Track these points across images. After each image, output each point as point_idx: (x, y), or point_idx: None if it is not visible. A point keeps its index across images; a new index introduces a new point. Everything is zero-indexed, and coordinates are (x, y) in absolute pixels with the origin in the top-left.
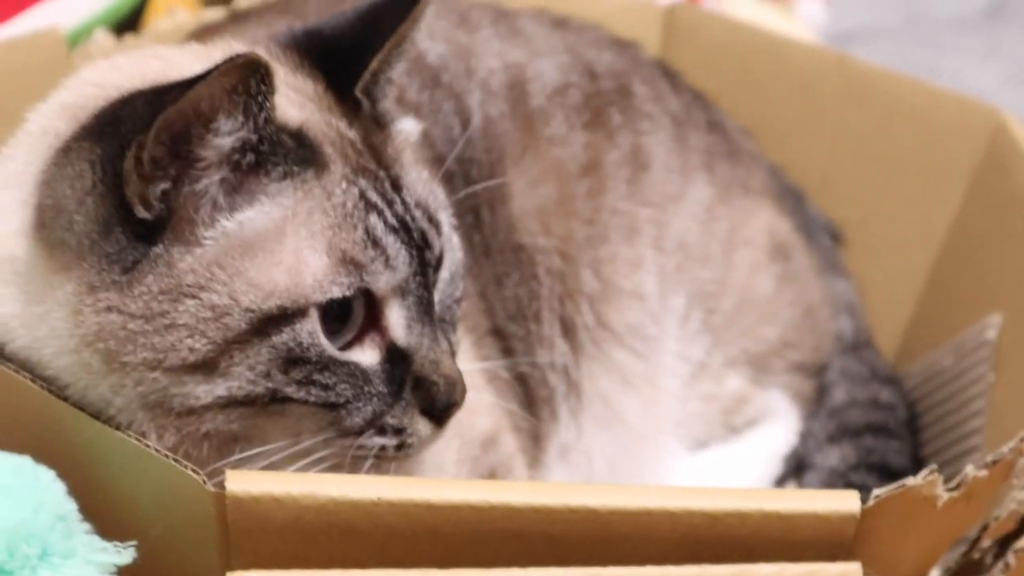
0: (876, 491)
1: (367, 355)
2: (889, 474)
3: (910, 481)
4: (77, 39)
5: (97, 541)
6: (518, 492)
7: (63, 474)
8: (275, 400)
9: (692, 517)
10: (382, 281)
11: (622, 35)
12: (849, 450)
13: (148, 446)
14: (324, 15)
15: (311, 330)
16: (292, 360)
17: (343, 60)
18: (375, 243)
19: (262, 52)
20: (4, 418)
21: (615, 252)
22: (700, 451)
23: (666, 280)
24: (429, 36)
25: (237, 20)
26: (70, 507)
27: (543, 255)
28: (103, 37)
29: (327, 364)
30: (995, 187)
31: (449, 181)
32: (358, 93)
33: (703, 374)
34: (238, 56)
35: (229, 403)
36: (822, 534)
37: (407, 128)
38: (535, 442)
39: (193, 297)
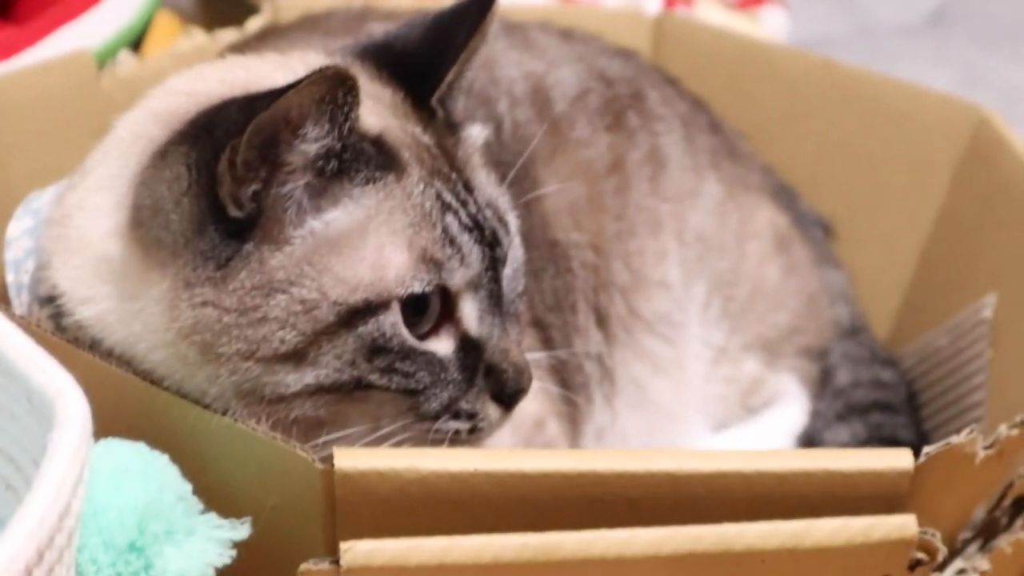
0: (926, 448)
1: (443, 344)
2: (899, 447)
3: (954, 439)
4: (103, 59)
5: (214, 519)
6: (603, 459)
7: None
8: (359, 387)
9: (763, 478)
10: (457, 277)
11: (613, 43)
12: (859, 427)
13: (254, 429)
14: (350, 31)
15: (393, 321)
16: (376, 349)
17: (416, 71)
18: (451, 241)
19: (341, 62)
20: (108, 411)
21: (642, 245)
22: (721, 431)
23: (688, 270)
24: None
25: (265, 38)
26: (187, 488)
27: (577, 249)
28: (127, 58)
29: (408, 353)
30: (980, 178)
31: None
32: (433, 102)
33: (723, 358)
34: (327, 68)
35: (317, 390)
36: (880, 490)
37: (474, 133)
38: (573, 426)
39: (284, 292)
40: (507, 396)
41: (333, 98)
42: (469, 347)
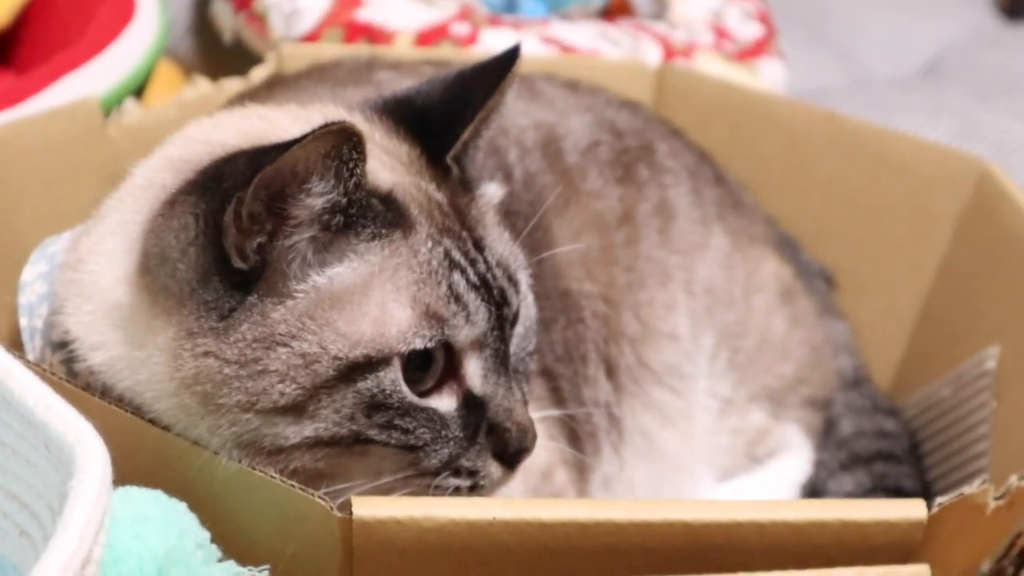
0: (939, 499)
1: (445, 402)
2: (903, 497)
3: (967, 490)
4: (107, 108)
5: (233, 566)
6: (620, 509)
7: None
8: (358, 441)
9: (778, 528)
10: (462, 335)
11: (618, 94)
12: (863, 476)
13: (273, 477)
14: (358, 80)
15: (393, 378)
16: (375, 405)
17: (434, 128)
18: (457, 299)
19: (359, 117)
20: (124, 458)
21: (652, 296)
22: (727, 480)
23: (697, 322)
24: None
25: (273, 87)
26: (205, 535)
27: (588, 300)
28: (133, 107)
29: (407, 410)
30: (982, 230)
31: None
32: (448, 160)
33: (730, 409)
34: (332, 123)
35: (316, 443)
36: (893, 539)
37: (490, 192)
38: (581, 474)
39: (285, 345)
40: (509, 455)
41: (339, 153)
42: (472, 405)
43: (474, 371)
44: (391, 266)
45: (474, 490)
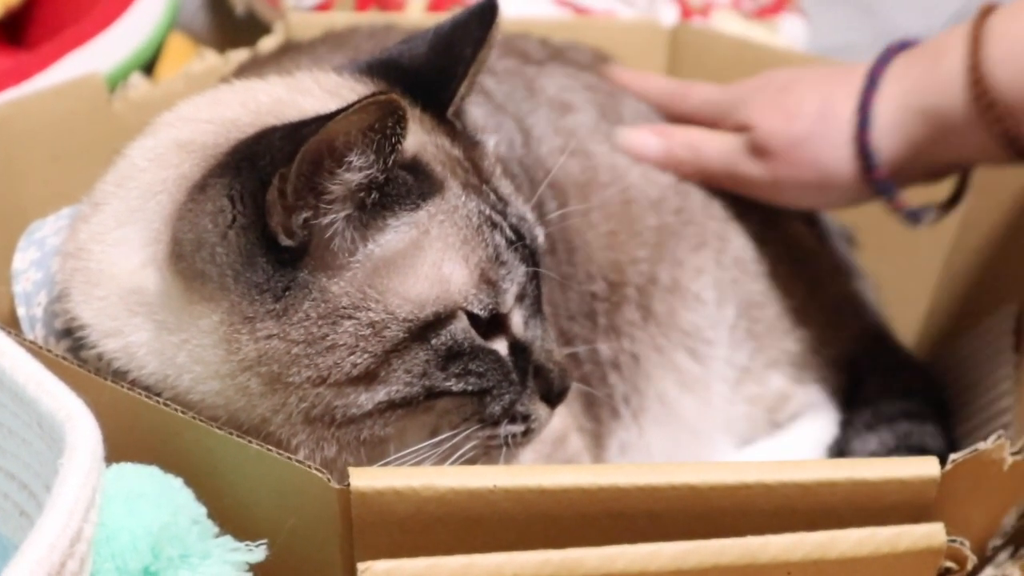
0: (952, 456)
1: (499, 346)
2: (928, 455)
3: (981, 445)
4: (114, 83)
5: (230, 541)
6: (624, 474)
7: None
8: (428, 397)
9: (786, 488)
10: (510, 294)
11: (632, 54)
12: (887, 436)
13: (270, 450)
14: (376, 48)
15: (463, 327)
16: (450, 356)
17: (426, 86)
18: (501, 260)
19: (350, 79)
20: (121, 435)
21: (683, 258)
22: (746, 448)
23: (722, 292)
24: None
25: (286, 53)
26: (201, 511)
27: (637, 244)
28: (139, 81)
29: (477, 352)
30: (1002, 184)
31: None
32: (450, 116)
33: (747, 378)
34: (378, 94)
35: (388, 407)
36: (906, 498)
37: (491, 143)
38: (596, 441)
39: (350, 318)
40: (554, 395)
41: (382, 127)
42: (518, 350)
43: (518, 320)
44: (436, 224)
45: (526, 435)
